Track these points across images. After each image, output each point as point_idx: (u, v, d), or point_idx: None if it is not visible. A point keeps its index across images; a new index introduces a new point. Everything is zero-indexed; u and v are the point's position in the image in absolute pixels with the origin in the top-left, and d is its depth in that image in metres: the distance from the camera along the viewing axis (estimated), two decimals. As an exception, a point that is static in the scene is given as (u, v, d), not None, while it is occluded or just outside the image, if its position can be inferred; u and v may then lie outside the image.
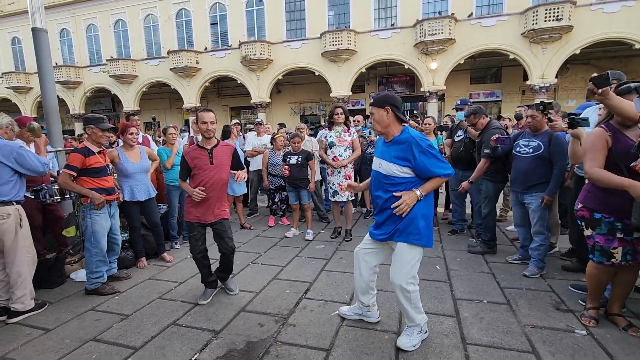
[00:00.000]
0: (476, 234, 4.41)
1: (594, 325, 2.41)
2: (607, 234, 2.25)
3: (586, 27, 13.51)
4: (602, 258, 2.29)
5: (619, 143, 2.16)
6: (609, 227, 2.24)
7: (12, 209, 2.74)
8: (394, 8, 16.20)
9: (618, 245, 2.23)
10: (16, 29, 22.08)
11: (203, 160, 2.91)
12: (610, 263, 2.27)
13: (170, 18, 19.36)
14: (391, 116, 2.17)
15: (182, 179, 2.98)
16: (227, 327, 2.56)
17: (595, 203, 2.30)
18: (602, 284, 2.43)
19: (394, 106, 2.16)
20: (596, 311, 2.48)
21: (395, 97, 2.23)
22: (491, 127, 3.85)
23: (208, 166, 2.91)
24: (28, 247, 2.88)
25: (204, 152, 2.93)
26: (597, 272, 2.37)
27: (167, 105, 22.48)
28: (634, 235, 2.20)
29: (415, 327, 2.26)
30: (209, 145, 2.96)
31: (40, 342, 2.45)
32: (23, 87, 22.05)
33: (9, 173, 2.72)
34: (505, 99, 17.20)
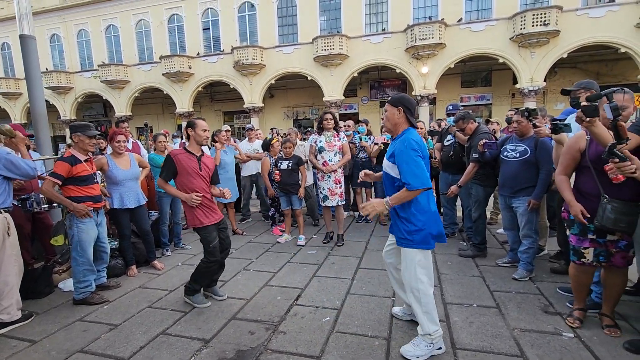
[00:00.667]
0: (467, 237, 4.45)
1: (577, 325, 2.45)
2: (579, 234, 2.38)
3: (573, 31, 13.79)
4: (575, 257, 2.43)
5: (592, 147, 2.28)
6: (580, 227, 2.36)
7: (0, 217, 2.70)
8: (385, 13, 16.38)
9: (589, 246, 2.34)
10: (5, 35, 21.85)
11: (192, 165, 2.91)
12: (581, 262, 2.39)
13: (162, 23, 19.32)
14: (402, 116, 2.24)
15: (165, 180, 2.91)
16: (217, 335, 2.54)
17: None
18: (582, 284, 2.50)
19: (407, 108, 2.23)
20: (582, 312, 2.52)
21: (412, 100, 2.31)
22: (480, 132, 3.89)
23: (196, 173, 2.92)
24: (16, 256, 2.84)
25: (193, 157, 2.94)
26: (575, 272, 2.49)
27: (160, 110, 22.36)
28: (607, 237, 2.28)
29: (425, 337, 2.19)
30: (198, 152, 2.97)
31: (25, 354, 2.41)
32: (12, 93, 21.80)
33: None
34: (496, 102, 17.42)
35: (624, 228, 2.14)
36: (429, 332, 2.18)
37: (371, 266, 3.78)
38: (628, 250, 2.28)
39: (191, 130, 2.95)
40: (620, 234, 2.23)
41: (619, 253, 2.28)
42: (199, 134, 2.93)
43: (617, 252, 2.28)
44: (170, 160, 2.88)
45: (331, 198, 4.49)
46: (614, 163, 1.90)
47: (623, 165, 1.87)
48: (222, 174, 5.08)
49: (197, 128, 2.93)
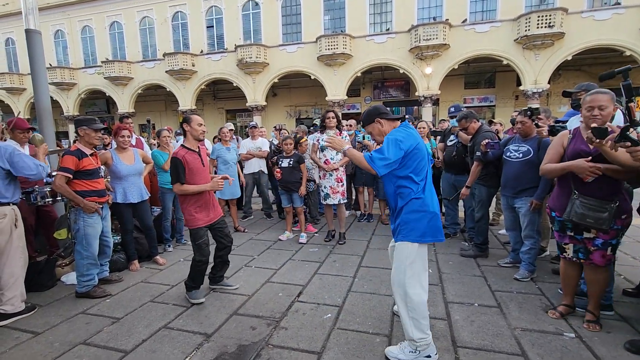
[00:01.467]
0: (468, 237, 4.45)
1: (556, 317, 2.58)
2: (559, 230, 2.52)
3: (578, 34, 13.75)
4: (559, 251, 2.60)
5: (571, 145, 2.40)
6: (560, 224, 2.50)
7: (8, 209, 2.74)
8: (389, 13, 16.36)
9: (569, 242, 2.48)
10: (10, 30, 21.93)
11: (197, 162, 2.92)
12: (563, 256, 2.55)
13: (166, 20, 19.36)
14: (385, 123, 2.22)
15: (181, 182, 2.84)
16: (219, 330, 2.55)
17: (552, 202, 2.58)
18: (569, 277, 2.60)
19: (381, 115, 2.22)
20: (566, 308, 2.62)
21: (378, 106, 2.30)
22: (482, 131, 3.89)
23: (201, 168, 2.94)
24: (22, 248, 2.87)
25: (195, 154, 2.94)
26: (562, 265, 2.63)
27: (163, 107, 22.42)
28: (584, 235, 2.37)
29: (410, 343, 2.11)
30: (197, 148, 2.98)
31: (28, 346, 2.43)
32: (16, 88, 21.89)
33: (3, 175, 2.71)
34: (499, 103, 17.39)
35: (592, 223, 2.25)
36: (412, 338, 2.08)
37: (373, 264, 3.79)
38: (606, 249, 2.33)
39: (187, 126, 2.92)
40: (596, 232, 2.31)
41: (598, 251, 2.35)
42: (195, 129, 2.91)
43: (595, 250, 2.35)
44: (179, 162, 2.82)
45: (333, 196, 4.50)
46: (625, 147, 1.86)
47: (635, 150, 1.84)
48: (224, 171, 5.10)
49: (193, 123, 2.90)
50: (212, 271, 3.22)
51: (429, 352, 2.12)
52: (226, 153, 5.11)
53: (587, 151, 2.27)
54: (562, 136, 2.53)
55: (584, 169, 2.22)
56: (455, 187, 4.51)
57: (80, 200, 3.03)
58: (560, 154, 2.48)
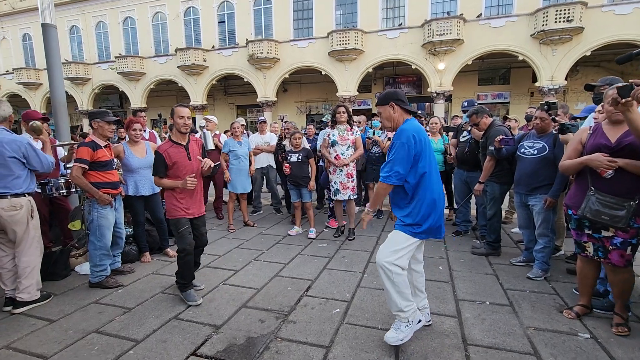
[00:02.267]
0: (480, 235, 4.38)
1: (572, 317, 2.51)
2: (577, 228, 2.47)
3: (597, 28, 13.35)
4: (578, 250, 2.51)
5: (590, 140, 2.34)
6: (577, 222, 2.44)
7: (24, 200, 2.80)
8: (402, 8, 16.14)
9: (588, 240, 2.42)
10: (27, 26, 22.39)
11: (182, 156, 2.84)
12: (585, 255, 2.46)
13: (178, 16, 19.49)
14: (397, 110, 2.19)
15: (159, 176, 2.81)
16: (228, 322, 2.57)
17: (569, 199, 2.51)
18: (587, 276, 2.53)
19: (398, 100, 2.18)
20: (583, 308, 2.54)
21: (398, 91, 2.25)
22: (495, 127, 3.81)
23: (187, 162, 2.86)
24: (38, 238, 2.94)
25: (181, 148, 2.85)
26: (580, 263, 2.55)
27: (174, 102, 22.54)
28: (602, 233, 2.30)
29: (401, 318, 2.20)
30: (184, 141, 2.89)
31: (43, 332, 2.49)
32: (33, 83, 22.36)
33: (20, 167, 2.78)
34: (514, 100, 17.05)
35: (607, 221, 2.19)
36: (402, 309, 2.16)
37: (382, 261, 3.76)
38: (625, 249, 2.25)
39: (170, 119, 2.86)
40: (614, 230, 2.24)
41: (616, 250, 2.27)
42: (176, 122, 2.82)
43: (614, 249, 2.28)
44: (160, 156, 2.77)
45: (343, 192, 4.47)
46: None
47: None
48: (236, 165, 5.12)
49: (175, 115, 2.81)
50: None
51: (419, 317, 2.28)
52: (237, 147, 5.13)
53: (608, 145, 2.22)
54: (581, 132, 2.48)
55: (601, 162, 2.17)
56: (468, 183, 4.44)
57: (95, 192, 3.08)
58: (578, 150, 2.42)
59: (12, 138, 2.76)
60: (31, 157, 2.81)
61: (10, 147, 2.71)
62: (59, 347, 2.29)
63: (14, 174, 2.73)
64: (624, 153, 2.14)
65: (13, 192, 2.72)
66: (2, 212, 2.67)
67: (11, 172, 2.71)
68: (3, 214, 2.68)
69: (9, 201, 2.70)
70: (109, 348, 2.27)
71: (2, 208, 2.67)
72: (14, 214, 2.72)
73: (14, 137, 2.79)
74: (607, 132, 2.29)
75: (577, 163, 2.35)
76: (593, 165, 2.23)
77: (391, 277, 2.13)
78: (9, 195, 2.70)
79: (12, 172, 2.71)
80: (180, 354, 2.20)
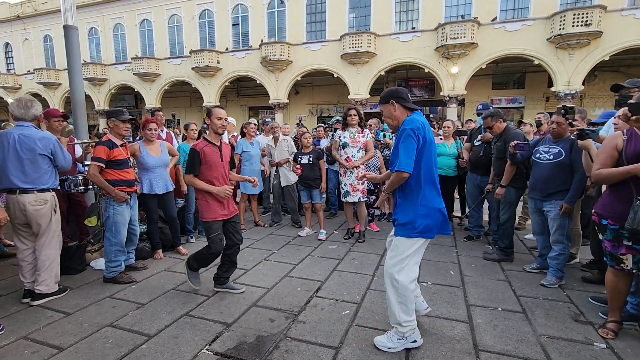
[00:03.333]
0: (492, 241, 4.32)
1: (611, 337, 2.33)
2: (613, 240, 2.29)
3: (616, 33, 13.05)
4: (613, 262, 2.33)
5: (629, 147, 2.19)
6: (614, 234, 2.28)
7: (49, 195, 2.89)
8: (416, 11, 16.09)
9: (626, 252, 2.24)
10: (48, 28, 23.08)
11: (215, 157, 2.90)
12: (620, 268, 2.29)
13: (193, 18, 19.82)
14: (398, 107, 2.18)
15: (193, 174, 2.86)
16: (239, 320, 2.59)
17: (603, 209, 2.35)
18: (620, 291, 2.37)
19: (397, 98, 2.18)
20: (617, 325, 2.39)
21: (399, 89, 2.24)
22: (511, 131, 3.76)
23: (219, 163, 2.92)
24: (58, 232, 3.02)
25: (215, 148, 2.92)
26: (613, 277, 2.37)
27: (188, 103, 22.97)
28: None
29: (396, 328, 2.18)
30: (218, 142, 2.96)
31: (60, 325, 2.55)
32: (52, 83, 23.01)
33: (47, 163, 2.88)
34: (528, 105, 16.78)
35: None
36: (400, 322, 2.14)
37: (392, 264, 3.74)
38: None
39: (208, 119, 2.92)
40: None
41: None
42: (213, 122, 2.87)
43: None
44: (197, 154, 2.82)
45: (353, 194, 4.47)
46: None
47: None
48: (248, 165, 5.16)
49: (213, 116, 2.87)
50: (218, 271, 3.08)
51: (415, 337, 2.21)
52: (250, 148, 5.18)
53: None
54: (614, 138, 2.31)
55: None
56: (481, 188, 4.39)
57: (111, 190, 3.15)
58: (614, 157, 2.26)
59: (43, 135, 2.86)
60: (58, 154, 2.91)
61: (42, 143, 2.81)
62: (75, 340, 2.35)
63: (41, 170, 2.82)
64: None
65: (39, 188, 2.81)
66: (29, 206, 2.76)
67: (39, 168, 2.81)
68: (29, 208, 2.77)
69: (35, 196, 2.80)
70: (122, 342, 2.32)
71: (28, 202, 2.76)
72: (39, 208, 2.81)
73: (45, 134, 2.89)
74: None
75: (622, 172, 2.17)
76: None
77: (397, 286, 2.13)
78: (35, 190, 2.79)
79: (40, 168, 2.81)
80: (191, 349, 2.23)
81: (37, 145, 2.78)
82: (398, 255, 2.16)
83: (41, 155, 2.80)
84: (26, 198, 2.76)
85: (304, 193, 4.83)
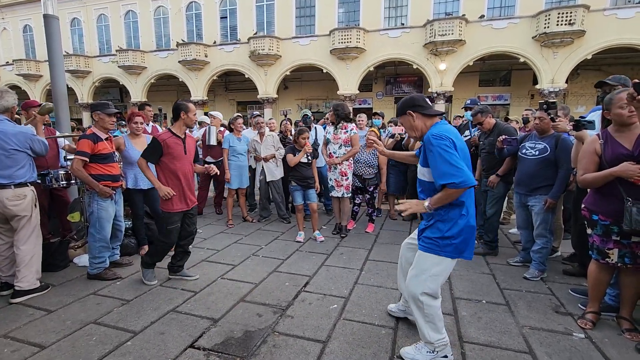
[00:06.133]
0: (478, 235, 4.40)
1: (590, 327, 2.41)
2: (602, 235, 2.34)
3: (599, 32, 13.36)
4: (599, 256, 2.39)
5: (607, 151, 2.25)
6: (604, 229, 2.33)
7: (28, 190, 2.82)
8: (405, 7, 16.13)
9: (613, 247, 2.31)
10: (28, 17, 22.28)
11: (179, 149, 2.99)
12: (605, 262, 2.35)
13: (180, 10, 19.43)
14: (418, 117, 2.00)
15: (147, 161, 2.93)
16: (226, 315, 2.58)
17: (593, 205, 2.40)
18: (601, 282, 2.45)
19: (415, 107, 2.01)
20: (595, 315, 2.47)
21: (413, 96, 2.06)
22: (503, 127, 3.82)
23: (183, 155, 3.01)
24: (38, 227, 2.95)
25: (179, 140, 3.00)
26: (596, 269, 2.44)
27: (175, 97, 22.54)
28: (632, 239, 2.22)
29: (427, 344, 2.05)
30: (183, 135, 3.05)
31: (42, 322, 2.49)
32: (33, 75, 22.28)
33: (25, 157, 2.81)
34: (514, 102, 17.08)
35: None
36: (431, 341, 2.01)
37: (380, 258, 3.78)
38: None
39: (184, 114, 2.99)
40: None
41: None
42: (190, 117, 3.00)
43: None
44: (158, 144, 2.89)
45: (337, 189, 4.50)
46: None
47: None
48: (234, 161, 5.12)
49: (191, 112, 2.99)
50: (172, 260, 3.24)
51: (446, 352, 2.05)
52: (237, 143, 5.13)
53: (628, 154, 2.16)
54: (592, 142, 2.37)
55: (633, 171, 2.09)
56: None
57: (95, 185, 3.08)
58: (596, 161, 2.33)
59: (19, 130, 2.77)
60: (35, 147, 2.86)
61: (17, 139, 2.73)
62: (57, 337, 2.30)
63: (18, 164, 2.74)
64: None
65: (17, 182, 2.74)
66: (7, 202, 2.69)
67: (15, 163, 2.73)
68: (7, 204, 2.69)
69: (13, 191, 2.72)
70: (107, 339, 2.28)
71: (6, 198, 2.68)
72: (18, 203, 2.74)
73: (20, 128, 2.80)
74: (619, 140, 2.23)
75: (607, 175, 2.22)
76: (626, 176, 2.13)
77: (422, 307, 2.00)
78: (12, 186, 2.71)
79: (16, 162, 2.73)
80: (178, 345, 2.21)
81: (12, 141, 2.70)
82: (421, 274, 1.99)
83: (16, 150, 2.72)
84: (3, 194, 2.68)
85: (299, 193, 4.51)
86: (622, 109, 2.17)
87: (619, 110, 2.19)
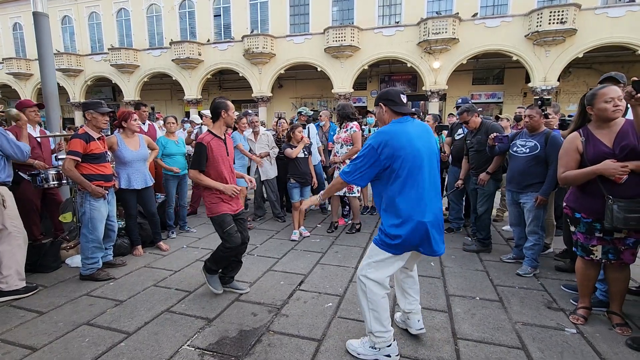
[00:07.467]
0: (471, 232, 4.43)
1: (581, 323, 2.44)
2: (586, 232, 2.38)
3: (590, 31, 13.51)
4: (583, 253, 2.43)
5: (589, 149, 2.28)
6: (587, 226, 2.36)
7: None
8: (399, 6, 16.16)
9: (597, 244, 2.35)
10: (18, 15, 21.94)
11: (222, 150, 2.79)
12: (590, 258, 2.39)
13: (173, 8, 19.27)
14: (386, 111, 2.05)
15: (199, 170, 2.69)
16: (221, 315, 2.57)
17: (575, 203, 2.43)
18: (589, 278, 2.49)
19: (386, 100, 2.04)
20: (586, 311, 2.50)
21: (389, 90, 2.08)
22: (489, 125, 3.85)
23: (225, 157, 2.82)
24: (16, 227, 2.88)
25: (221, 142, 2.80)
26: (582, 266, 2.48)
27: (168, 96, 22.41)
28: (614, 235, 2.27)
29: (370, 336, 2.03)
30: (224, 135, 2.85)
31: (33, 324, 2.46)
32: (23, 74, 21.95)
33: None
34: (507, 100, 17.21)
35: (635, 225, 2.12)
36: (372, 331, 2.00)
37: (375, 256, 3.79)
38: (636, 247, 2.28)
39: (225, 113, 2.76)
40: (627, 231, 2.22)
41: (628, 250, 2.28)
42: (231, 116, 2.79)
43: (626, 249, 2.28)
44: (204, 148, 2.66)
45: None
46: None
47: None
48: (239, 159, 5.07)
49: (231, 110, 2.77)
50: (223, 270, 2.94)
51: (389, 352, 2.01)
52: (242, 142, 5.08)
53: (610, 152, 2.19)
54: (573, 140, 2.37)
55: (615, 169, 2.11)
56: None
57: (87, 185, 3.04)
58: (577, 159, 2.34)
59: None
60: (4, 146, 2.78)
61: None
62: (49, 339, 2.27)
63: None
64: (626, 157, 2.13)
65: None
66: None
67: None
68: None
69: None
70: (99, 340, 2.26)
71: None
72: None
73: None
74: (600, 138, 2.26)
75: (588, 173, 2.23)
76: (608, 174, 2.15)
77: (365, 291, 2.00)
78: None
79: None
80: (172, 345, 2.20)
81: None
82: (368, 258, 2.05)
83: None
84: None
85: (296, 190, 4.55)
86: (607, 104, 2.18)
87: (603, 105, 2.19)
